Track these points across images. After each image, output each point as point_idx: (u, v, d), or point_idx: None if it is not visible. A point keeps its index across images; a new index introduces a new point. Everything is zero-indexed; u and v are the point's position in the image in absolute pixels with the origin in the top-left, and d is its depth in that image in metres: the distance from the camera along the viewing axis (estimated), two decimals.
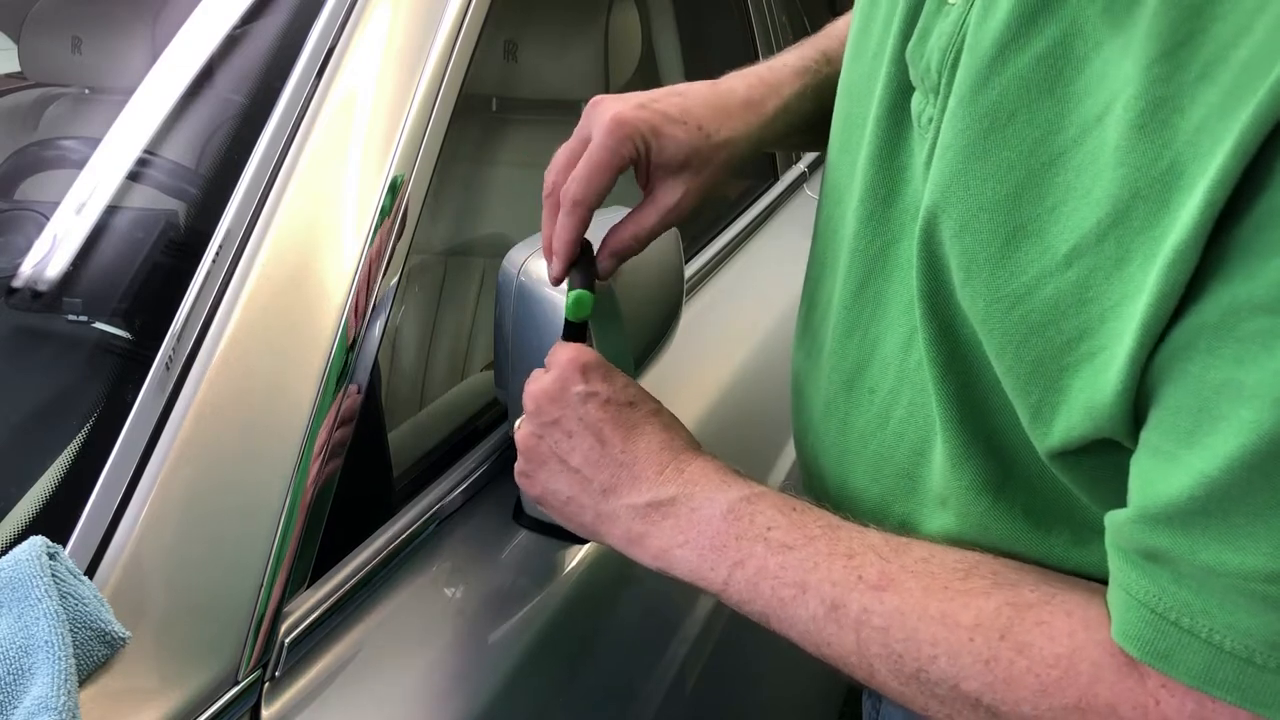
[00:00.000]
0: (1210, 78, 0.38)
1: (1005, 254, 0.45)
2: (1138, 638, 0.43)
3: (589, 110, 0.63)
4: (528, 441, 0.63)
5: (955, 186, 0.47)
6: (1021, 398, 0.47)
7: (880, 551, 0.53)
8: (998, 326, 0.46)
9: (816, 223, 0.66)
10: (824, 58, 0.70)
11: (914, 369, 0.55)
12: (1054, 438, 0.46)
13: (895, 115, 0.55)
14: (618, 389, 0.61)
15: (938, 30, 0.50)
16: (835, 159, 0.63)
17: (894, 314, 0.56)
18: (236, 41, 0.79)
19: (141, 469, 0.58)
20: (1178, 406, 0.40)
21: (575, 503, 0.61)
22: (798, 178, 1.66)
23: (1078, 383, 0.44)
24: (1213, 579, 0.40)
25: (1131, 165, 0.40)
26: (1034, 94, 0.44)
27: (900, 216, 0.55)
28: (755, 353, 1.22)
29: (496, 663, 0.71)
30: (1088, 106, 0.43)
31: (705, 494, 0.58)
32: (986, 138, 0.46)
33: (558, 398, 0.61)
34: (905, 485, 0.57)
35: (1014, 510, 0.52)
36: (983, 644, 0.48)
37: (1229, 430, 0.38)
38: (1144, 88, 0.40)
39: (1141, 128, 0.40)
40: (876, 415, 0.58)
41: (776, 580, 0.54)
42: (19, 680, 0.49)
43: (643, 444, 0.60)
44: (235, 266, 0.64)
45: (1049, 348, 0.44)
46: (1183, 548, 0.41)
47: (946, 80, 0.49)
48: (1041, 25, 0.44)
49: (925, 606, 0.50)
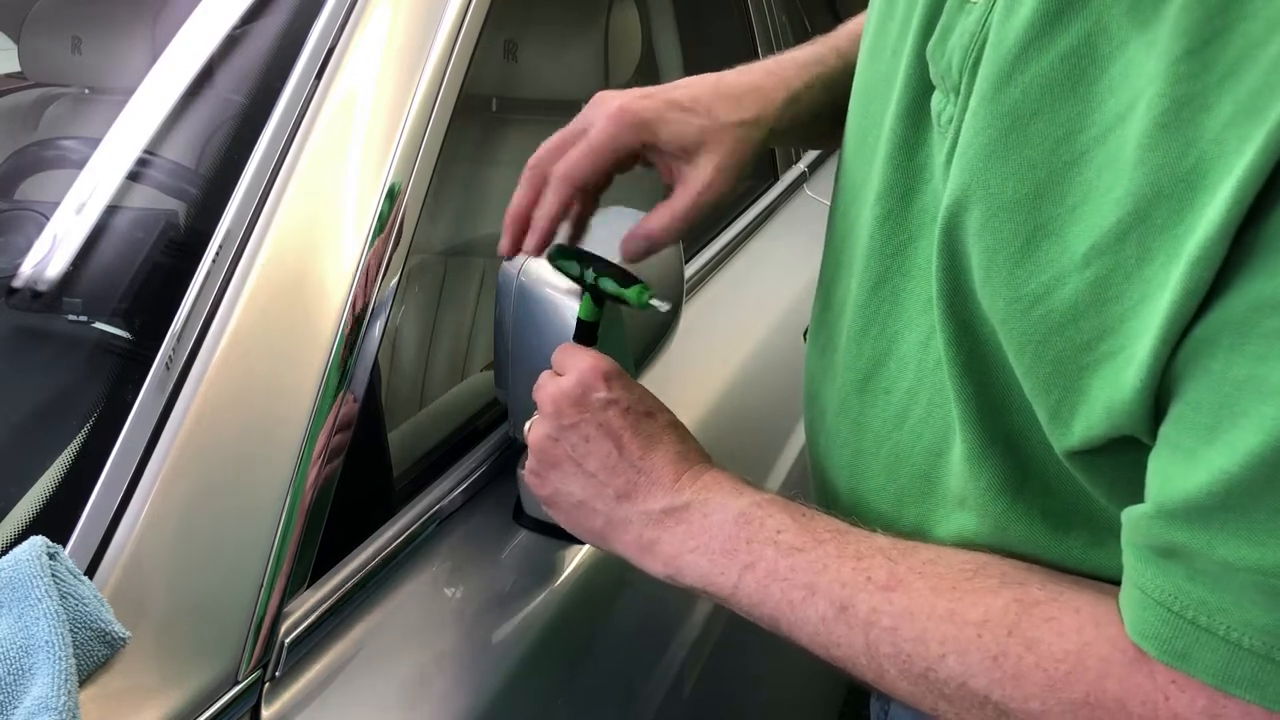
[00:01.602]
0: (1237, 76, 0.38)
1: (1026, 253, 0.45)
2: (1155, 636, 0.43)
3: (592, 102, 0.63)
4: (543, 443, 0.63)
5: (976, 185, 0.47)
6: (1041, 397, 0.47)
7: (888, 554, 0.53)
8: (1017, 326, 0.46)
9: (831, 221, 0.66)
10: (835, 52, 0.70)
11: (933, 368, 0.55)
12: (1073, 437, 0.46)
13: (914, 114, 0.54)
14: (637, 399, 0.62)
15: (959, 29, 0.50)
16: (851, 157, 0.62)
17: (912, 313, 0.56)
18: (236, 41, 0.79)
19: (141, 469, 0.58)
20: (1198, 402, 0.40)
21: (586, 507, 0.61)
22: (798, 178, 1.66)
23: (1097, 382, 0.44)
24: (1230, 575, 0.40)
25: (1154, 164, 0.40)
26: (1057, 93, 0.44)
27: (919, 215, 0.55)
28: (755, 353, 1.22)
29: (496, 663, 0.71)
30: (1110, 106, 0.42)
31: (718, 500, 0.58)
32: (1008, 136, 0.46)
33: (579, 401, 0.61)
34: (921, 486, 0.57)
35: (1032, 512, 0.52)
36: (991, 640, 0.48)
37: (1250, 426, 0.38)
38: (1168, 86, 0.39)
39: (1165, 126, 0.39)
40: (893, 415, 0.58)
41: (786, 583, 0.54)
42: (19, 680, 0.49)
43: (660, 453, 0.60)
44: (235, 267, 0.64)
45: (1069, 347, 0.44)
46: (1201, 543, 0.41)
47: (968, 79, 0.49)
48: (1066, 24, 0.44)
49: (933, 605, 0.50)
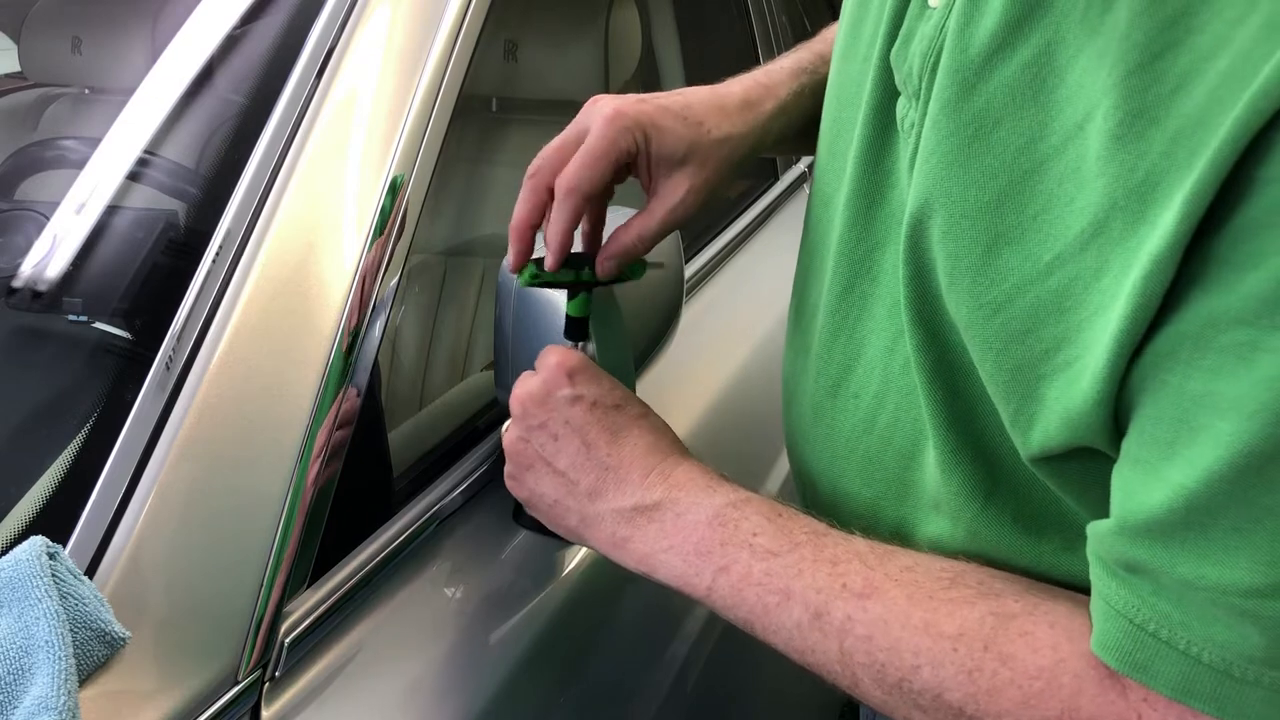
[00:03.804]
0: (1186, 90, 0.38)
1: (987, 260, 0.45)
2: (1116, 648, 0.43)
3: (587, 107, 0.63)
4: (515, 445, 0.63)
5: (939, 192, 0.47)
6: (1001, 404, 0.47)
7: (865, 559, 0.52)
8: (980, 332, 0.46)
9: (805, 225, 0.66)
10: (820, 59, 0.71)
11: (899, 372, 0.55)
12: (1033, 444, 0.46)
13: (881, 119, 0.55)
14: (604, 391, 0.61)
15: (919, 34, 0.50)
16: (824, 161, 0.63)
17: (879, 317, 0.56)
18: (236, 41, 0.79)
19: (141, 469, 0.58)
20: (1157, 416, 0.40)
21: (561, 506, 0.61)
22: (798, 178, 1.66)
23: (1053, 391, 0.44)
24: (1192, 592, 0.40)
25: (1110, 176, 0.40)
26: (1019, 101, 0.44)
27: (886, 220, 0.55)
28: (755, 353, 1.22)
29: (496, 663, 0.71)
30: (1068, 114, 0.43)
31: (691, 499, 0.57)
32: (971, 144, 0.46)
33: (544, 401, 0.61)
34: (897, 490, 0.57)
35: (1003, 516, 0.52)
36: (966, 654, 0.47)
37: (1207, 442, 0.38)
38: (1122, 99, 0.40)
39: (1119, 139, 0.40)
40: (862, 420, 0.58)
41: (761, 587, 0.53)
42: (19, 680, 0.49)
43: (629, 447, 0.60)
44: (235, 267, 0.64)
45: (1028, 355, 0.44)
46: (1162, 561, 0.41)
47: (927, 84, 0.49)
48: (1027, 33, 0.44)
49: (909, 615, 0.49)
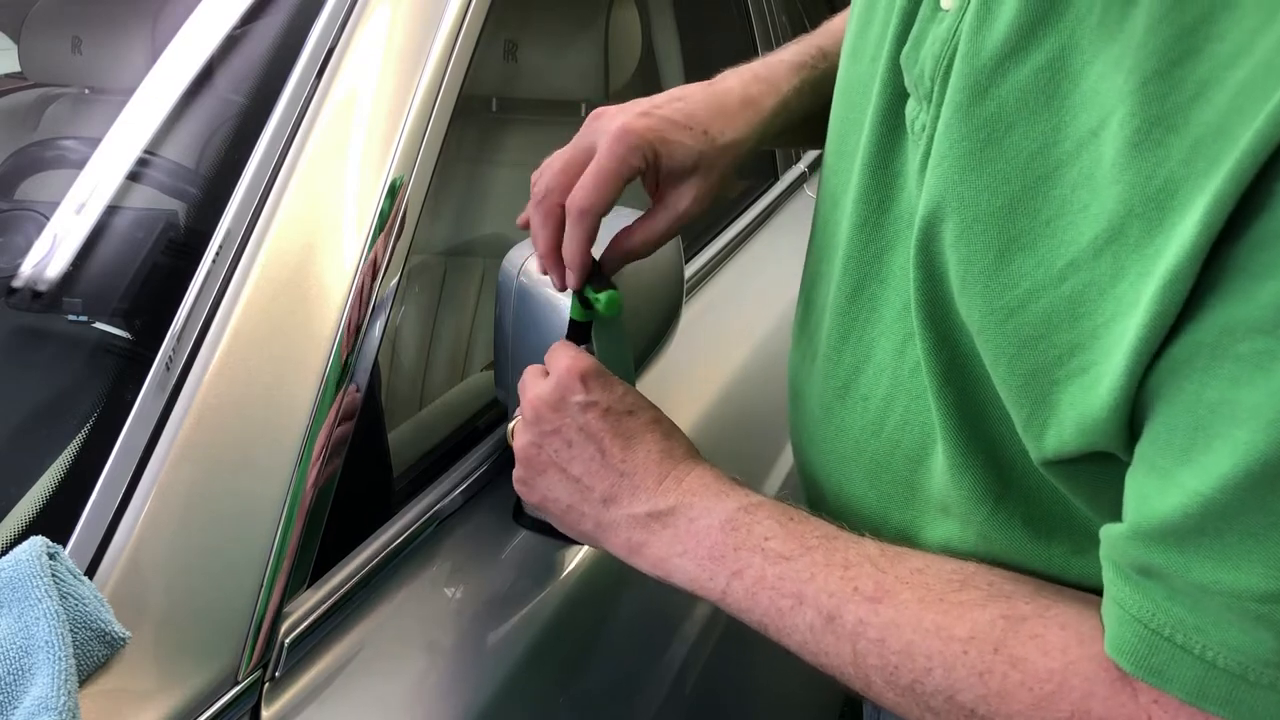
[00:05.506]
0: (1205, 98, 0.38)
1: (1000, 265, 0.45)
2: (1131, 652, 0.43)
3: (590, 121, 0.62)
4: (527, 451, 0.63)
5: (951, 197, 0.47)
6: (1014, 409, 0.47)
7: (876, 562, 0.53)
8: (993, 337, 0.46)
9: (813, 226, 0.66)
10: (820, 53, 0.70)
11: (908, 375, 0.55)
12: (1047, 448, 0.46)
13: (890, 120, 0.54)
14: (617, 397, 0.61)
15: (931, 36, 0.50)
16: (832, 162, 0.62)
17: (888, 320, 0.56)
18: (236, 41, 0.79)
19: (141, 469, 0.58)
20: (1173, 424, 0.40)
21: (575, 511, 0.61)
22: (798, 178, 1.66)
23: (1067, 397, 0.44)
24: (1206, 597, 0.40)
25: (1126, 183, 0.40)
26: (1032, 107, 0.44)
27: (895, 223, 0.55)
28: (755, 353, 1.22)
29: (496, 663, 0.71)
30: (1083, 121, 0.42)
31: (703, 504, 0.58)
32: (984, 149, 0.46)
33: (557, 406, 0.61)
34: (904, 493, 0.57)
35: (1013, 519, 0.52)
36: (977, 657, 0.48)
37: (1224, 450, 0.38)
38: (1139, 105, 0.39)
39: (1136, 145, 0.40)
40: (871, 423, 0.58)
41: (774, 591, 0.54)
42: (19, 680, 0.49)
43: (642, 453, 0.60)
44: (235, 267, 0.64)
45: (1041, 361, 0.44)
46: (1176, 565, 0.41)
47: (939, 88, 0.49)
48: (1041, 38, 0.44)
49: (920, 618, 0.50)
